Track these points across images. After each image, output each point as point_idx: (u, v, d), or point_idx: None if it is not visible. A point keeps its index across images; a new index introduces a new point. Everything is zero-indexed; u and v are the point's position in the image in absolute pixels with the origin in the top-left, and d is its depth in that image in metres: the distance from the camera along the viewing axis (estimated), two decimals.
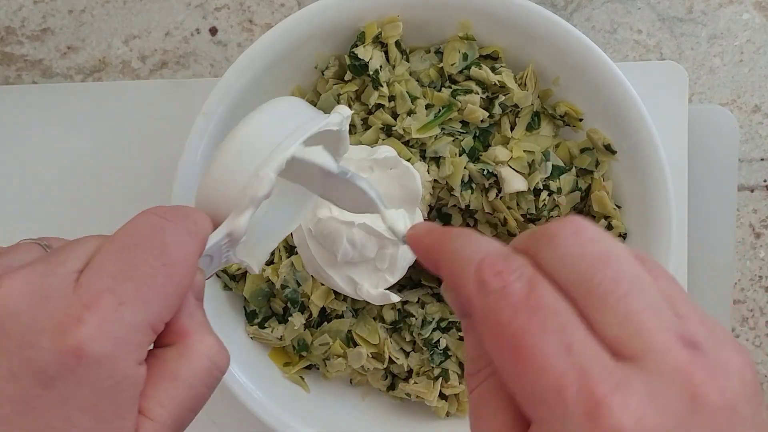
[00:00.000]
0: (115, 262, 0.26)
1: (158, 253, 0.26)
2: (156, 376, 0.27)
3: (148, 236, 0.27)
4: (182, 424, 0.27)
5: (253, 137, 0.31)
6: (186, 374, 0.27)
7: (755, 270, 0.56)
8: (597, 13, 0.54)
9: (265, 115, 0.32)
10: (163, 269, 0.26)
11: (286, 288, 0.47)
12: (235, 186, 0.30)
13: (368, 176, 0.42)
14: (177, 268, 0.27)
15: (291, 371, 0.49)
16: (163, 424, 0.26)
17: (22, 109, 0.55)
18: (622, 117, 0.45)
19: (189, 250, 0.27)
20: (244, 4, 0.55)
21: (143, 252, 0.26)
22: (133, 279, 0.25)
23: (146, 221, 0.27)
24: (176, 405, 0.27)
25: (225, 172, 0.31)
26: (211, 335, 0.28)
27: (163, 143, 0.53)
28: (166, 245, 0.27)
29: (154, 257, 0.26)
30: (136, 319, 0.25)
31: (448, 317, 0.49)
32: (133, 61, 0.56)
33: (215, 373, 0.28)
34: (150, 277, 0.26)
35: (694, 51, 0.55)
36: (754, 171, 0.55)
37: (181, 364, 0.27)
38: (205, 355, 0.28)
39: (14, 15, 0.56)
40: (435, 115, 0.47)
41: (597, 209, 0.48)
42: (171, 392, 0.27)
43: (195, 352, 0.27)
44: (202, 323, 0.29)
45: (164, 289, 0.26)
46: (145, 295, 0.25)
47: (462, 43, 0.47)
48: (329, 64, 0.48)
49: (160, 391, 0.26)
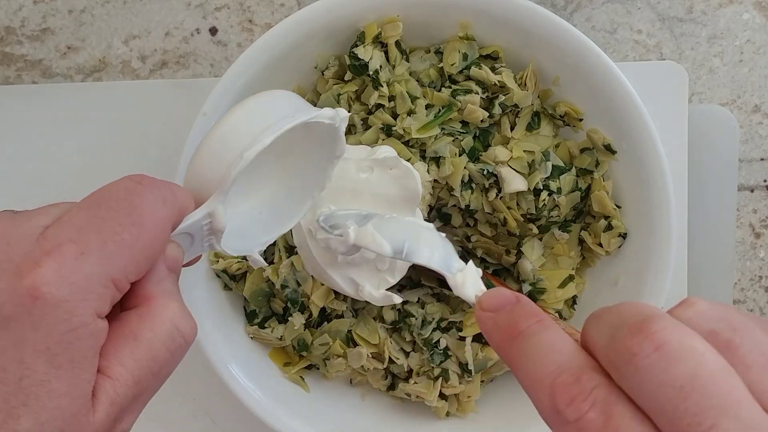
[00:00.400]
0: (82, 216, 0.26)
1: (127, 212, 0.27)
2: (117, 336, 0.27)
3: (121, 196, 0.27)
4: (144, 387, 0.27)
5: (241, 123, 0.31)
6: (146, 335, 0.27)
7: (755, 270, 0.56)
8: (597, 13, 0.54)
9: (256, 102, 0.32)
10: (131, 227, 0.26)
11: (286, 288, 0.47)
12: (219, 168, 0.30)
13: (368, 176, 0.42)
14: (145, 229, 0.27)
15: (291, 371, 0.49)
16: (122, 383, 0.26)
17: (22, 109, 0.55)
18: (622, 117, 0.45)
19: (161, 215, 0.28)
20: (244, 4, 0.55)
21: (112, 209, 0.27)
22: (98, 232, 0.26)
23: (121, 184, 0.28)
24: (136, 366, 0.27)
25: (210, 155, 0.31)
26: (177, 302, 0.29)
27: (163, 143, 0.53)
28: (137, 206, 0.27)
29: (122, 215, 0.27)
30: (96, 269, 0.25)
31: (448, 317, 0.49)
32: (133, 61, 0.56)
33: (178, 339, 0.28)
34: (116, 233, 0.26)
35: (694, 51, 0.55)
36: (754, 171, 0.55)
37: (142, 325, 0.27)
38: (168, 319, 0.28)
39: (14, 15, 0.56)
40: (435, 115, 0.47)
41: (597, 209, 0.48)
42: (131, 352, 0.27)
43: (157, 315, 0.28)
44: (170, 291, 0.29)
45: (130, 247, 0.26)
46: (109, 249, 0.26)
47: (462, 43, 0.47)
48: (329, 64, 0.48)
49: (120, 350, 0.27)
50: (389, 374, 0.50)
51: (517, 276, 0.50)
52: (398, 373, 0.50)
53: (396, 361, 0.49)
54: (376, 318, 0.49)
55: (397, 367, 0.49)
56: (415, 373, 0.49)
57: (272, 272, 0.47)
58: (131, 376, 0.27)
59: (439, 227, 0.50)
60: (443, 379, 0.48)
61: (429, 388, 0.48)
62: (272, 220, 0.37)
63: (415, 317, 0.48)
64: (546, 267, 0.49)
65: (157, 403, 0.55)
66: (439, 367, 0.48)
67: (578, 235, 0.49)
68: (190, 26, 0.55)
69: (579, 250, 0.49)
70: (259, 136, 0.30)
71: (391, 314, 0.49)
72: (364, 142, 0.47)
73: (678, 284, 0.51)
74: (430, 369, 0.49)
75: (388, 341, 0.49)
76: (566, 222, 0.49)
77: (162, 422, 0.55)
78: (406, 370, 0.49)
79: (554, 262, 0.49)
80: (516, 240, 0.49)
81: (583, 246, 0.49)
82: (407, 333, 0.49)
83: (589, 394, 0.21)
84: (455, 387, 0.48)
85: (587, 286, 0.50)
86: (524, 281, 0.48)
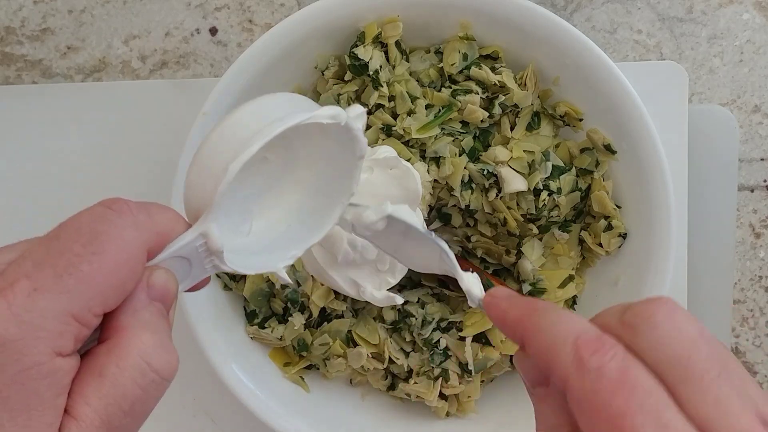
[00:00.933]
0: (42, 250, 0.25)
1: (87, 241, 0.25)
2: (84, 373, 0.25)
3: (83, 225, 0.26)
4: (116, 427, 0.25)
5: (230, 132, 0.29)
6: (112, 371, 0.25)
7: (755, 270, 0.56)
8: (597, 13, 0.54)
9: (249, 107, 0.30)
10: (90, 257, 0.25)
11: (286, 288, 0.47)
12: (210, 184, 0.28)
13: (368, 176, 0.42)
14: (108, 257, 0.25)
15: (291, 371, 0.49)
16: (88, 424, 0.24)
17: (22, 109, 0.55)
18: (622, 117, 0.45)
19: (128, 241, 0.26)
20: (244, 4, 0.55)
21: (71, 240, 0.25)
22: (53, 266, 0.24)
23: (88, 211, 0.26)
24: (102, 404, 0.25)
25: (201, 170, 0.29)
26: (151, 333, 0.26)
27: (163, 143, 0.53)
28: (99, 233, 0.25)
29: (81, 245, 0.25)
30: (51, 305, 0.24)
31: (448, 317, 0.49)
32: (133, 61, 0.56)
33: (150, 375, 0.26)
34: (72, 265, 0.24)
35: (694, 51, 0.55)
36: (754, 171, 0.55)
37: (109, 360, 0.25)
38: (136, 353, 0.26)
39: (14, 15, 0.56)
40: (435, 115, 0.47)
41: (597, 209, 0.48)
42: (96, 390, 0.25)
43: (125, 348, 0.26)
44: (147, 322, 0.27)
45: (90, 279, 0.25)
46: (65, 283, 0.24)
47: (462, 43, 0.47)
48: (329, 64, 0.48)
49: (84, 387, 0.25)
50: (389, 374, 0.50)
51: (517, 276, 0.50)
52: (398, 373, 0.50)
53: (396, 361, 0.49)
54: (376, 318, 0.49)
55: (397, 367, 0.49)
56: (415, 373, 0.49)
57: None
58: (97, 416, 0.25)
59: (439, 227, 0.50)
60: (443, 379, 0.48)
61: (429, 388, 0.48)
62: (300, 232, 0.34)
63: (415, 317, 0.48)
64: (546, 267, 0.49)
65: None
66: (439, 367, 0.48)
67: (578, 235, 0.49)
68: (190, 26, 0.55)
69: (579, 250, 0.49)
70: (246, 144, 0.28)
71: (391, 314, 0.49)
72: None
73: (678, 284, 0.51)
74: (430, 369, 0.49)
75: (388, 341, 0.49)
76: (566, 222, 0.49)
77: (162, 422, 0.55)
78: (406, 370, 0.49)
79: (554, 262, 0.49)
80: (516, 240, 0.49)
81: (583, 246, 0.49)
82: (407, 333, 0.49)
83: (611, 348, 0.24)
84: (455, 387, 0.48)
85: (587, 286, 0.50)
86: (524, 281, 0.49)
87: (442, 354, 0.48)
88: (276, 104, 0.31)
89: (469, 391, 0.49)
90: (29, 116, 0.55)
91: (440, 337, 0.48)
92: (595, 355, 0.24)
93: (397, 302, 0.41)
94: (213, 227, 0.28)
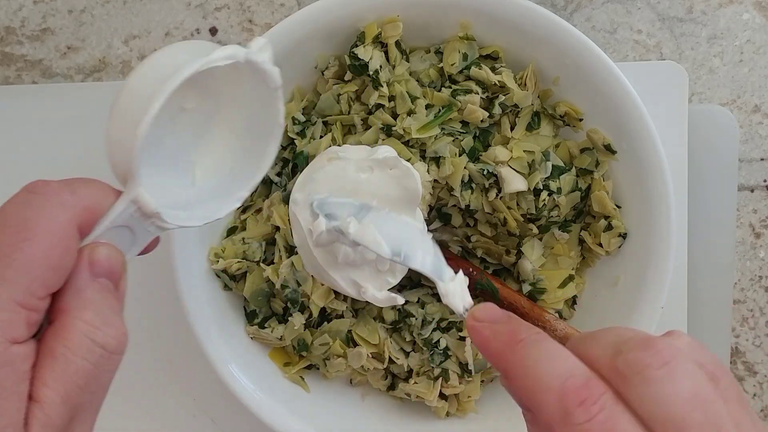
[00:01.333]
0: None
1: (16, 230, 0.26)
2: (40, 357, 0.26)
3: (10, 214, 0.26)
4: (77, 403, 0.26)
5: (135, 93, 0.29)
6: (61, 351, 0.26)
7: (755, 270, 0.56)
8: (597, 13, 0.54)
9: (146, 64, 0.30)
10: (21, 245, 0.26)
11: (286, 288, 0.47)
12: (126, 150, 0.28)
13: (368, 176, 0.42)
14: (39, 241, 0.26)
15: (291, 371, 0.49)
16: (50, 404, 0.25)
17: (22, 109, 0.55)
18: (622, 117, 0.45)
19: (55, 221, 0.27)
20: (244, 4, 0.55)
21: (1, 232, 0.26)
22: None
23: (14, 199, 0.27)
24: (61, 384, 0.26)
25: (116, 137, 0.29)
26: (92, 312, 0.27)
27: None
28: (27, 220, 0.26)
29: (10, 234, 0.26)
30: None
31: (448, 317, 0.49)
32: (133, 61, 0.56)
33: (97, 350, 0.27)
34: (6, 256, 0.25)
35: (694, 51, 0.55)
36: (754, 171, 0.55)
37: (57, 342, 0.26)
38: (80, 331, 0.26)
39: (14, 15, 0.56)
40: (435, 115, 0.47)
41: (597, 209, 0.48)
42: (51, 371, 0.26)
43: (68, 329, 0.26)
44: (90, 300, 0.27)
45: (26, 266, 0.25)
46: (3, 274, 0.25)
47: (462, 43, 0.47)
48: (329, 64, 0.48)
49: (41, 371, 0.26)
50: (389, 374, 0.50)
51: (517, 276, 0.50)
52: (398, 373, 0.50)
53: (396, 361, 0.49)
54: (376, 318, 0.49)
55: (397, 367, 0.49)
56: (415, 373, 0.49)
57: (272, 272, 0.47)
58: (57, 395, 0.25)
59: (439, 227, 0.50)
60: (443, 379, 0.48)
61: (429, 388, 0.48)
62: (243, 171, 0.35)
63: (415, 317, 0.48)
64: (546, 267, 0.49)
65: (157, 403, 0.55)
66: (439, 367, 0.48)
67: (578, 235, 0.49)
68: (190, 26, 0.55)
69: (579, 250, 0.49)
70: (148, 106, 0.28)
71: (391, 314, 0.49)
72: (364, 142, 0.47)
73: (678, 284, 0.51)
74: (430, 369, 0.49)
75: (388, 341, 0.49)
76: (566, 222, 0.49)
77: (162, 422, 0.55)
78: (406, 370, 0.49)
79: (554, 262, 0.49)
80: (516, 240, 0.49)
81: (583, 246, 0.49)
82: (407, 333, 0.49)
83: (598, 398, 0.23)
84: (455, 387, 0.48)
85: (587, 286, 0.50)
86: (524, 281, 0.49)
87: (442, 354, 0.48)
88: (172, 55, 0.30)
89: (469, 391, 0.49)
90: (29, 116, 0.55)
91: (440, 337, 0.48)
92: (581, 407, 0.23)
93: (398, 302, 0.41)
94: (141, 191, 0.28)
